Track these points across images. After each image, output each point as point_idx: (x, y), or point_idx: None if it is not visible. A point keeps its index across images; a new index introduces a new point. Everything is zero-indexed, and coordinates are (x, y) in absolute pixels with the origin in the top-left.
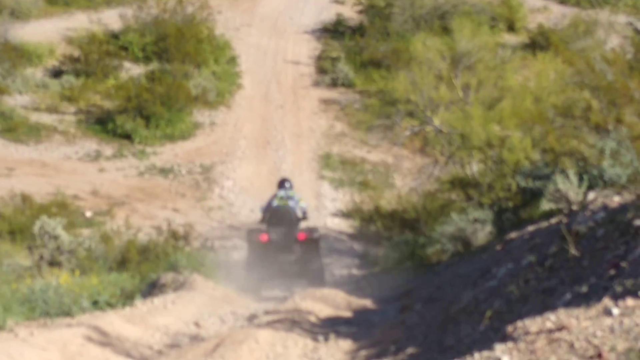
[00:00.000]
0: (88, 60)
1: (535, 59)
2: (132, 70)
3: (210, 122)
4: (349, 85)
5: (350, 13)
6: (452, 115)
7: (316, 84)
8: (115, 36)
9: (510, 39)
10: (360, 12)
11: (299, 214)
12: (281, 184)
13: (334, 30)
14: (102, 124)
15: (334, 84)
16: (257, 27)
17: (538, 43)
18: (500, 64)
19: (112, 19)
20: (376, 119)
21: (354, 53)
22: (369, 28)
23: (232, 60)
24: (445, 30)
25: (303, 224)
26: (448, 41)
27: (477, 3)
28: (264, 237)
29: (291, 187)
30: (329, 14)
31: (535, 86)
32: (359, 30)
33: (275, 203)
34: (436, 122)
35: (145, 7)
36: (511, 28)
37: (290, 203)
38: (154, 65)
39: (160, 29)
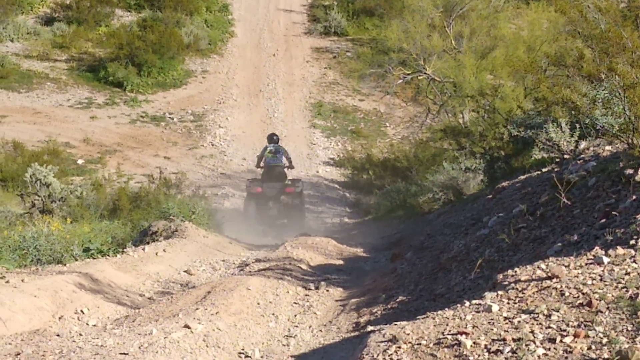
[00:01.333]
0: (80, 8)
1: (529, 8)
2: (124, 18)
3: (202, 70)
4: (341, 33)
5: None
6: (444, 64)
7: (308, 32)
8: None
9: None
10: None
11: (286, 163)
12: (270, 138)
13: None
14: (94, 71)
15: (326, 32)
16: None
17: None
18: (493, 12)
19: None
20: (368, 68)
21: (347, 1)
22: None
23: (224, 8)
24: None
25: (289, 175)
26: None
27: None
28: (258, 190)
29: (278, 140)
30: None
31: (528, 35)
32: None
33: (269, 157)
34: (429, 70)
35: None
36: None
37: (278, 156)
38: (146, 13)
39: None
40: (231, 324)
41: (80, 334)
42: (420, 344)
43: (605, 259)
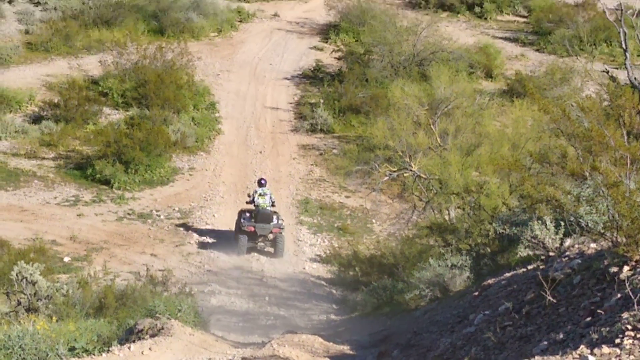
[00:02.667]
0: (68, 106)
1: (513, 106)
2: (112, 115)
3: (190, 167)
4: (327, 131)
5: (330, 60)
6: (430, 161)
7: (295, 129)
8: (95, 82)
9: (488, 85)
10: (339, 58)
11: (270, 205)
12: (259, 182)
13: (313, 77)
14: (81, 169)
15: (313, 129)
16: (236, 73)
17: (515, 90)
18: (478, 110)
19: (92, 65)
20: (355, 165)
21: (333, 99)
22: (348, 74)
23: (212, 106)
24: (424, 77)
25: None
26: (426, 88)
27: (455, 50)
28: (251, 229)
29: (266, 183)
30: (308, 60)
31: (513, 133)
32: (338, 77)
33: (259, 200)
34: (414, 168)
35: (125, 53)
36: (489, 75)
37: (266, 198)
38: (134, 111)
39: (140, 75)
40: None
41: None
42: None
43: (591, 358)
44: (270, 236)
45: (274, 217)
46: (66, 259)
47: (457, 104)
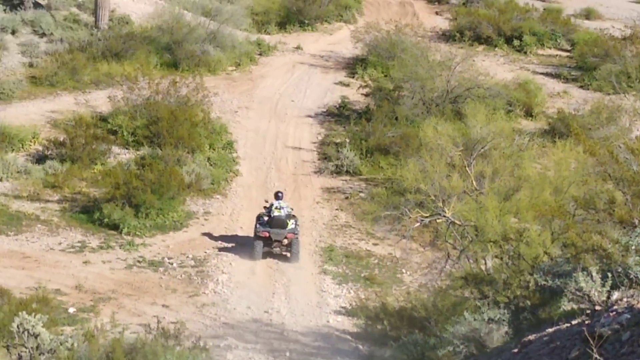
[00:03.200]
0: (74, 145)
1: (555, 147)
2: (122, 155)
3: (205, 211)
4: (354, 172)
5: (356, 96)
6: (465, 206)
7: (319, 171)
8: (103, 119)
9: (528, 124)
10: (367, 95)
11: (287, 217)
12: (276, 195)
13: (338, 114)
14: (88, 213)
15: (338, 171)
16: (256, 110)
17: (558, 130)
18: (517, 151)
19: (100, 100)
20: (383, 210)
21: (360, 138)
22: (376, 112)
23: (229, 145)
24: (458, 115)
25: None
26: (461, 127)
27: (493, 86)
28: (266, 234)
29: (283, 197)
30: (333, 96)
31: (555, 176)
32: (365, 115)
33: (275, 213)
34: (448, 213)
35: (136, 88)
36: (529, 113)
37: (282, 211)
38: (145, 150)
39: (152, 111)
40: None
41: None
42: None
43: None
44: (285, 241)
45: (290, 222)
46: (71, 310)
47: (494, 145)
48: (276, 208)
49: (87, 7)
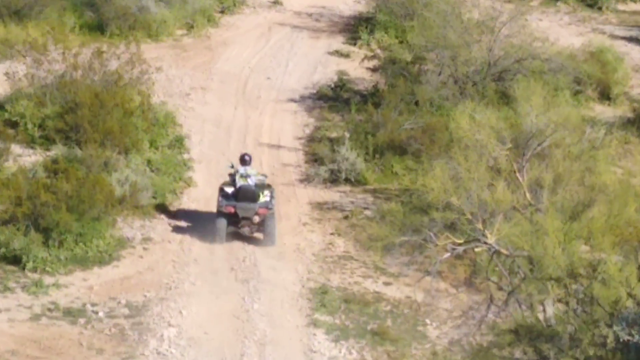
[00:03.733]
0: None
1: None
2: (25, 157)
3: (144, 237)
4: (356, 181)
5: (359, 71)
6: (515, 228)
7: (307, 179)
8: None
9: (604, 111)
10: (375, 69)
11: (258, 187)
12: (242, 159)
13: (334, 98)
14: None
15: (333, 179)
16: (216, 91)
17: None
18: (588, 150)
19: None
20: (398, 234)
21: (365, 132)
22: (388, 94)
23: (178, 142)
24: (505, 99)
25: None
26: (509, 115)
27: (554, 57)
28: (231, 210)
29: (250, 161)
30: (326, 72)
31: None
32: (372, 98)
33: (240, 182)
34: (491, 239)
35: (46, 61)
36: (605, 95)
37: (249, 180)
38: (58, 150)
39: (69, 94)
40: None
41: None
42: None
43: None
44: (256, 218)
45: (263, 193)
46: None
47: (556, 141)
48: (242, 176)
49: None
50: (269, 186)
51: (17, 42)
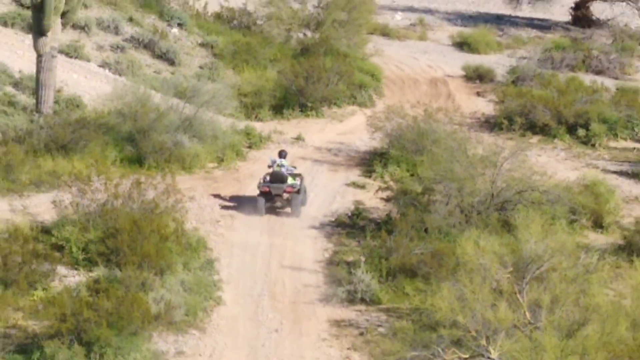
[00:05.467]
0: (7, 264)
1: (633, 268)
2: (69, 278)
3: (177, 351)
4: (371, 301)
5: (374, 201)
6: (516, 344)
7: (325, 299)
8: (46, 231)
9: (597, 238)
10: (388, 200)
11: (286, 175)
12: (280, 153)
13: (351, 225)
14: (25, 352)
15: (350, 299)
16: (244, 219)
17: (636, 245)
18: (583, 273)
19: (42, 206)
20: (409, 350)
21: (379, 256)
22: (400, 222)
23: (208, 265)
24: (507, 226)
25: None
26: (510, 241)
27: (551, 189)
28: (266, 189)
29: (285, 155)
30: (344, 202)
31: (633, 305)
32: (385, 225)
33: (275, 168)
34: (494, 354)
35: (89, 190)
36: (598, 224)
37: (283, 169)
38: (100, 272)
39: (110, 221)
40: None
41: None
42: None
43: None
44: (285, 195)
45: (292, 179)
46: None
47: (553, 265)
48: (278, 165)
49: (26, 85)
50: (299, 175)
51: (63, 174)
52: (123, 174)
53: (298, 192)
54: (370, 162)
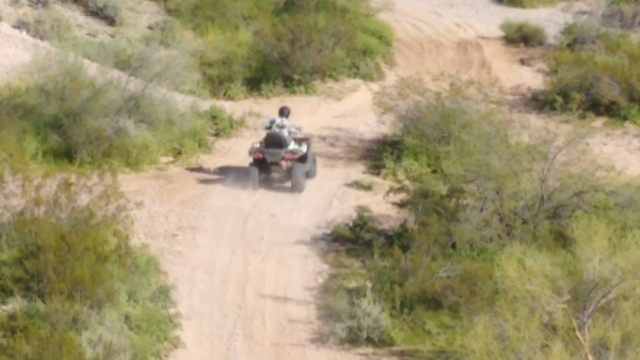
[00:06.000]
0: None
1: None
2: None
3: None
4: (381, 341)
5: (384, 207)
6: None
7: (319, 338)
8: None
9: None
10: (402, 204)
11: (288, 137)
12: (281, 111)
13: (353, 239)
14: None
15: (353, 338)
16: (209, 231)
17: None
18: None
19: None
20: None
21: (391, 281)
22: (419, 235)
23: (163, 293)
24: (562, 240)
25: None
26: (567, 260)
27: (621, 189)
28: (260, 155)
29: (288, 114)
30: (343, 207)
31: None
32: (399, 239)
33: (273, 129)
34: None
35: (2, 195)
36: None
37: (284, 131)
38: (17, 304)
39: (29, 236)
40: None
41: None
42: None
43: None
44: (284, 164)
45: (295, 144)
46: None
47: (624, 292)
48: (277, 126)
49: None
50: (306, 140)
51: None
52: (47, 172)
53: (302, 160)
54: (378, 155)
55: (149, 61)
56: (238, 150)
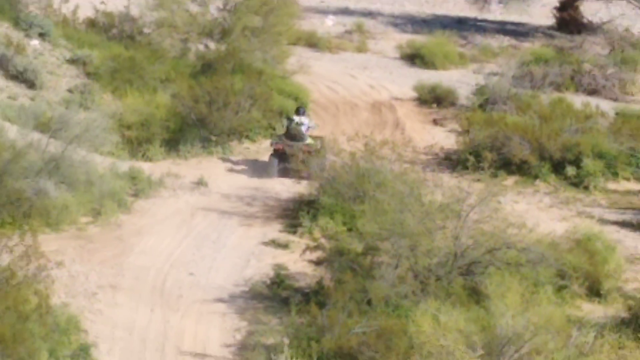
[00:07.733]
0: None
1: (638, 348)
2: None
3: None
4: None
5: (301, 264)
6: None
7: None
8: None
9: (593, 310)
10: (319, 262)
11: (305, 133)
12: (297, 110)
13: (270, 297)
14: None
15: None
16: (128, 290)
17: None
18: (575, 356)
19: None
20: None
21: (308, 337)
22: (335, 292)
23: (83, 351)
24: (475, 296)
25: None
26: (480, 315)
27: (532, 246)
28: (280, 147)
29: (304, 112)
30: (260, 266)
31: None
32: (316, 296)
33: (292, 125)
34: None
35: None
36: (595, 291)
37: (302, 128)
38: None
39: None
40: None
41: None
42: None
43: None
44: (301, 155)
45: (312, 140)
46: None
47: (536, 346)
48: (296, 124)
49: None
50: (320, 138)
51: None
52: None
53: (316, 150)
54: (294, 214)
55: (69, 124)
56: (157, 211)
